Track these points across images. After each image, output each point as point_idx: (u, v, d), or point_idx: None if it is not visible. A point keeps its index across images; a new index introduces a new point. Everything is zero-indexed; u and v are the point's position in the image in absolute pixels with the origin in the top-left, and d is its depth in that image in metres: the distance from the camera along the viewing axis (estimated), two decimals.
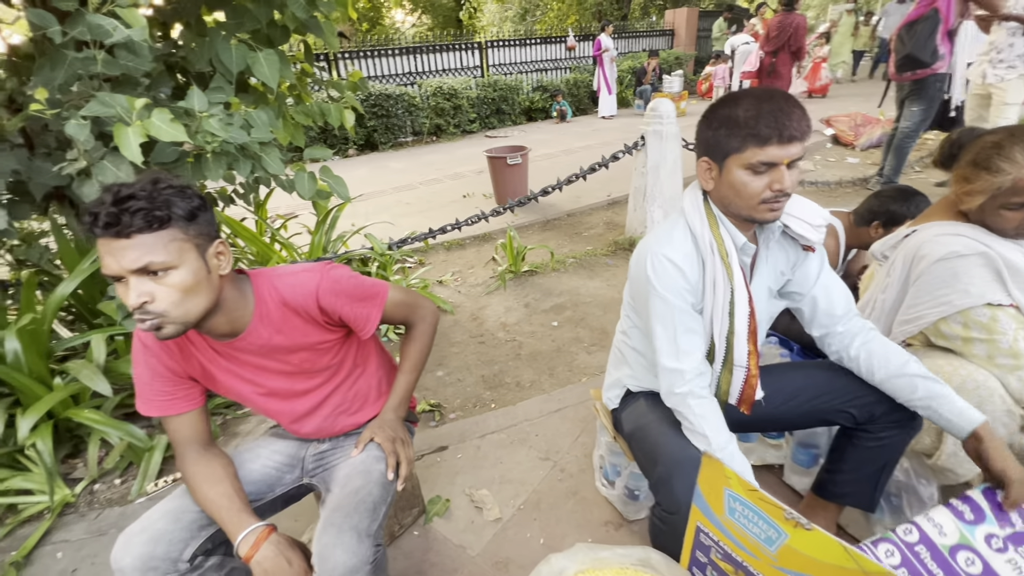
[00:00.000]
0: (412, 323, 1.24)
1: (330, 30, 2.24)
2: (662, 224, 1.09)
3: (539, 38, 10.00)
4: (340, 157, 7.57)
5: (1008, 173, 1.05)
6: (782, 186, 0.89)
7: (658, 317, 1.02)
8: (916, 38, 3.32)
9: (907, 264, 1.23)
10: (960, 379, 1.11)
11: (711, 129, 0.95)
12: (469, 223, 2.96)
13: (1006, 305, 1.10)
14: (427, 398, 2.12)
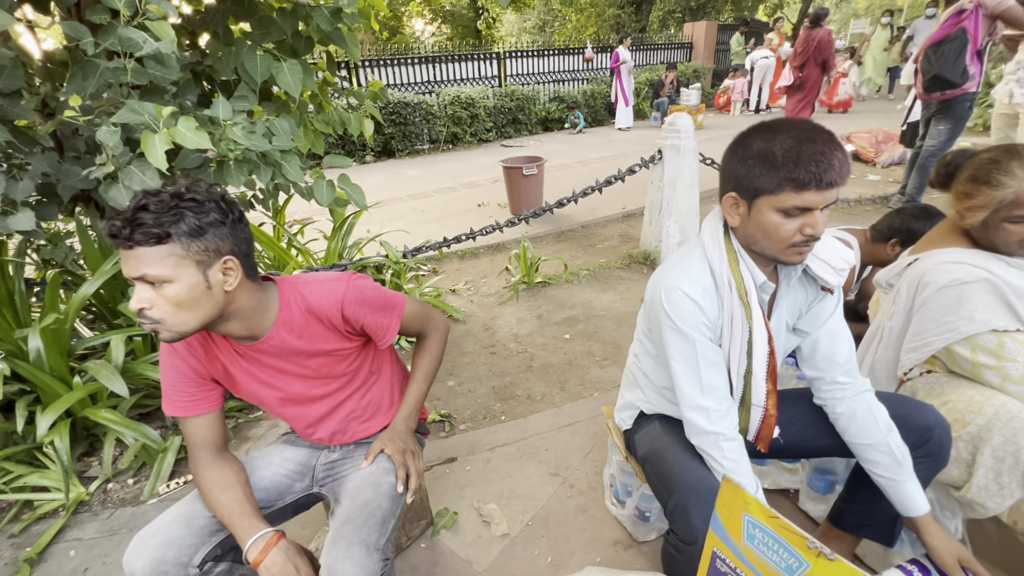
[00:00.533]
0: (425, 334, 1.25)
1: (353, 41, 2.28)
2: (678, 254, 1.05)
3: (557, 49, 10.07)
4: (357, 163, 7.67)
5: (1009, 187, 1.07)
6: (815, 231, 0.85)
7: (678, 354, 0.99)
8: (944, 58, 3.27)
9: (911, 292, 1.23)
10: (993, 409, 1.09)
11: (743, 164, 0.88)
12: (484, 233, 2.96)
13: (1012, 331, 1.10)
14: (438, 408, 2.12)
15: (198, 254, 0.85)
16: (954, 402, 1.16)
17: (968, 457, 1.12)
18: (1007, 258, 1.17)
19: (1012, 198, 1.08)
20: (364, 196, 2.46)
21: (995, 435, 1.07)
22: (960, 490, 1.15)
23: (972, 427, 1.09)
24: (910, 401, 1.08)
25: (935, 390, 1.25)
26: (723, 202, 0.95)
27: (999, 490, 1.10)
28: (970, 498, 1.13)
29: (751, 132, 0.90)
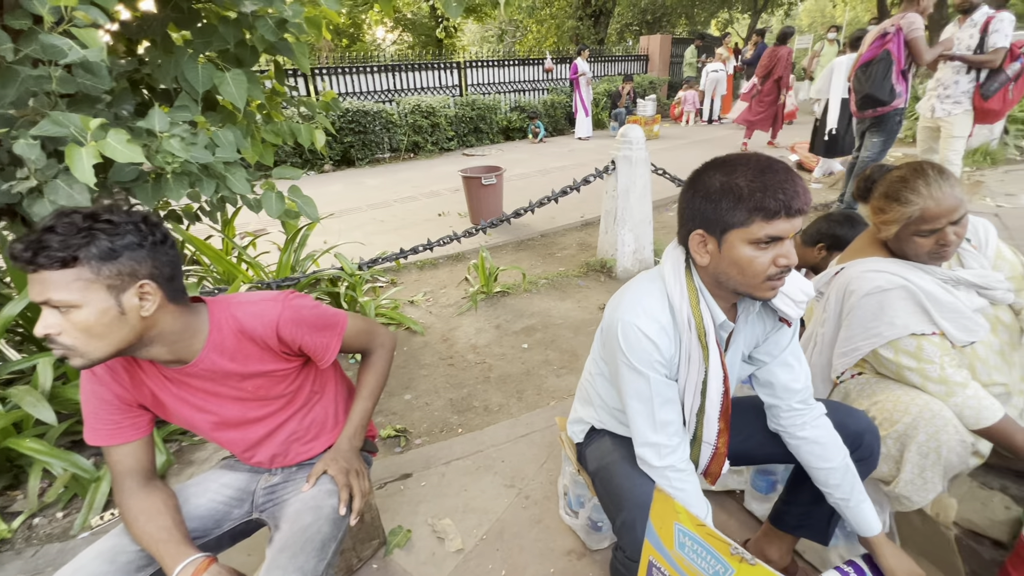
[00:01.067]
0: (370, 350, 1.23)
1: (301, 51, 2.24)
2: (637, 283, 1.02)
3: (517, 59, 10.19)
4: (316, 172, 7.52)
5: (915, 204, 1.14)
6: (789, 260, 0.85)
7: (633, 392, 0.98)
8: (873, 79, 3.50)
9: (839, 299, 1.29)
10: (917, 408, 1.15)
11: (707, 201, 0.86)
12: (441, 244, 2.95)
13: (929, 334, 1.17)
14: (393, 423, 2.09)
15: (110, 278, 0.81)
16: (883, 402, 1.23)
17: (896, 454, 1.18)
18: (922, 265, 1.26)
19: (918, 214, 1.15)
20: (316, 208, 2.41)
21: (920, 432, 1.13)
22: (889, 485, 1.22)
23: (899, 425, 1.15)
24: (840, 407, 1.13)
25: (866, 391, 1.32)
26: (690, 241, 0.92)
27: (923, 484, 1.16)
28: (898, 492, 1.20)
29: (707, 169, 0.89)
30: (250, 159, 2.39)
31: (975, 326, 1.20)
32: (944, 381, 1.15)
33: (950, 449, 1.12)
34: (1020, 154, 6.29)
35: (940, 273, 1.24)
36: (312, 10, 2.53)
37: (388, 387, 2.34)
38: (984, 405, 1.13)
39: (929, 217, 1.14)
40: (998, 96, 3.47)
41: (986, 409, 1.12)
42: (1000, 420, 1.12)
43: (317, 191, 6.23)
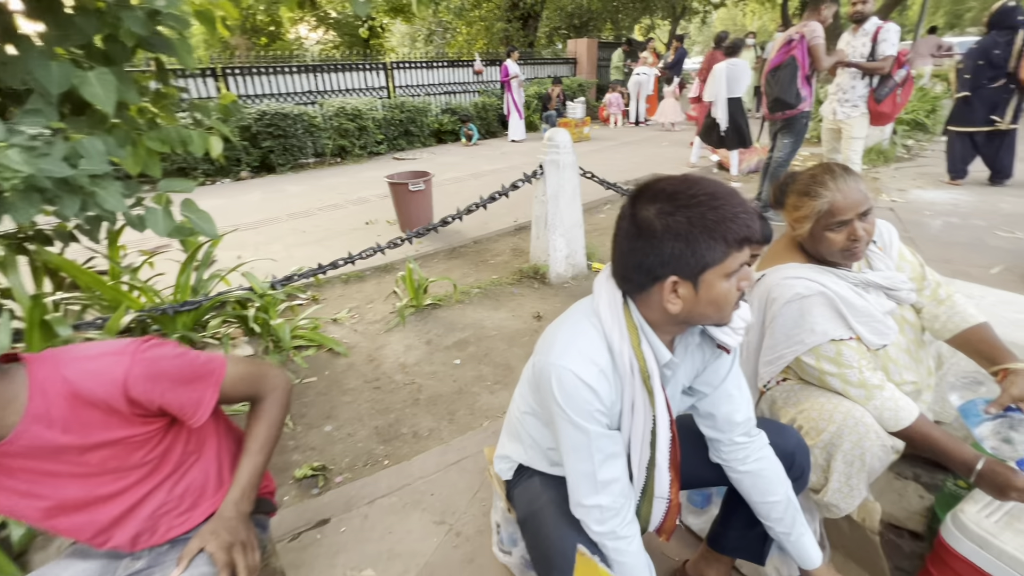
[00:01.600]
0: (259, 397, 1.06)
1: (184, 47, 1.99)
2: (572, 322, 0.91)
3: (447, 61, 10.02)
4: (232, 180, 6.96)
5: (824, 197, 1.16)
6: (748, 282, 0.82)
7: (571, 446, 0.88)
8: (780, 83, 3.69)
9: (762, 307, 1.29)
10: (841, 416, 1.14)
11: (680, 241, 0.77)
12: (363, 256, 2.76)
13: (847, 339, 1.18)
14: (311, 460, 1.89)
15: None
16: (808, 411, 1.22)
17: (823, 463, 1.17)
18: (837, 271, 1.27)
19: (827, 207, 1.16)
20: (213, 224, 2.16)
21: (844, 441, 1.13)
22: (818, 494, 1.21)
23: (825, 435, 1.15)
24: (771, 426, 1.10)
25: (792, 399, 1.31)
26: (663, 291, 0.82)
27: (850, 491, 1.16)
28: (827, 501, 1.19)
29: (655, 206, 0.79)
30: (131, 170, 2.09)
31: (887, 329, 1.22)
32: (863, 385, 1.16)
33: (873, 455, 1.12)
34: (907, 152, 6.95)
35: (852, 277, 1.26)
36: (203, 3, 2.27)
37: (307, 418, 2.13)
38: (901, 406, 1.14)
39: (837, 210, 1.16)
40: (889, 100, 3.76)
41: (903, 410, 1.14)
42: (916, 420, 1.14)
43: (233, 201, 5.77)
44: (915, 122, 7.50)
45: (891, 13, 11.10)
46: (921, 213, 4.38)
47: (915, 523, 1.48)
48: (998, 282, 3.05)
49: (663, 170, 6.14)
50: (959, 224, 4.08)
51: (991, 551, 1.03)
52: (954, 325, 1.32)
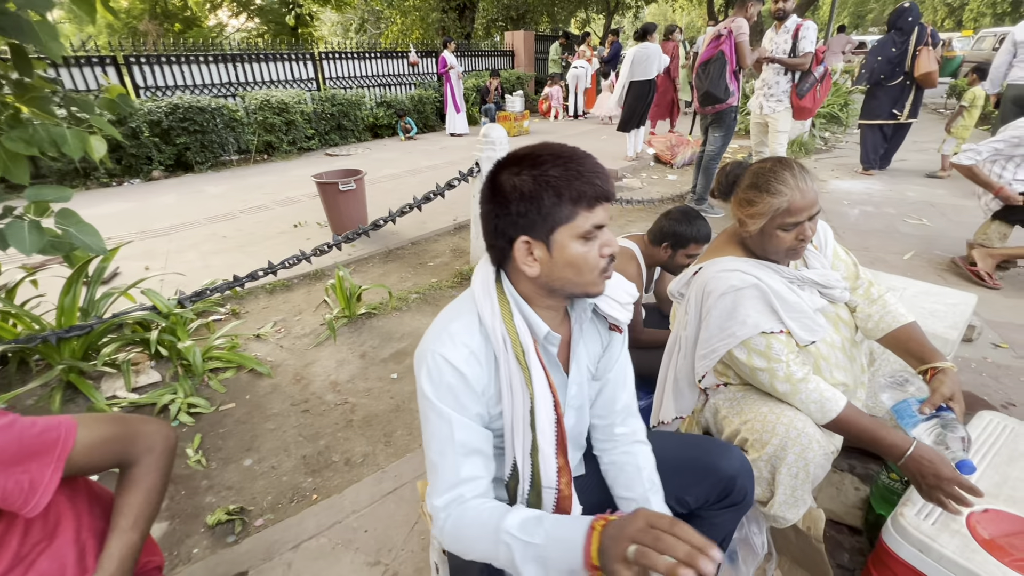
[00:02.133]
0: (129, 463, 0.87)
1: (49, 33, 1.69)
2: (446, 309, 0.89)
3: (380, 52, 9.60)
4: (141, 180, 6.32)
5: (785, 195, 1.13)
6: (612, 248, 0.80)
7: (433, 437, 0.82)
8: (710, 78, 3.77)
9: (698, 300, 1.27)
10: (784, 428, 1.12)
11: (526, 202, 0.76)
12: (287, 265, 2.53)
13: (777, 332, 1.17)
14: (226, 502, 1.68)
15: None
16: (751, 422, 1.19)
17: (768, 476, 1.15)
18: (773, 266, 1.25)
19: (786, 206, 1.13)
20: (99, 237, 1.89)
21: (788, 453, 1.10)
22: (765, 506, 1.18)
23: (769, 448, 1.12)
24: (715, 446, 1.05)
25: (735, 407, 1.28)
26: (516, 252, 0.80)
27: (795, 502, 1.14)
28: (774, 513, 1.17)
29: (506, 170, 0.80)
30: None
31: (816, 326, 1.22)
32: (789, 379, 1.15)
33: (816, 464, 1.11)
34: (825, 144, 7.40)
35: (788, 272, 1.25)
36: None
37: (223, 452, 1.90)
38: (827, 397, 1.14)
39: (795, 209, 1.13)
40: (809, 95, 3.93)
41: (829, 401, 1.13)
42: (844, 410, 1.13)
43: (143, 204, 5.22)
44: (831, 115, 8.00)
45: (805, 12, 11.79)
46: (840, 203, 4.64)
47: (853, 518, 1.50)
48: (910, 267, 3.26)
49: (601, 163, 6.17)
50: (874, 212, 4.35)
51: (931, 555, 1.03)
52: (886, 324, 1.33)
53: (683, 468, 1.01)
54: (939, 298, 1.88)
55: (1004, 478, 1.18)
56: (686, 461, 1.01)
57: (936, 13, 28.09)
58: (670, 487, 1.01)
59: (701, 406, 1.40)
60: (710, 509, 1.02)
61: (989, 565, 0.97)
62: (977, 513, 1.09)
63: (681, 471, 1.01)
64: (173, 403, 2.09)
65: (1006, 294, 2.88)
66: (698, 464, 1.00)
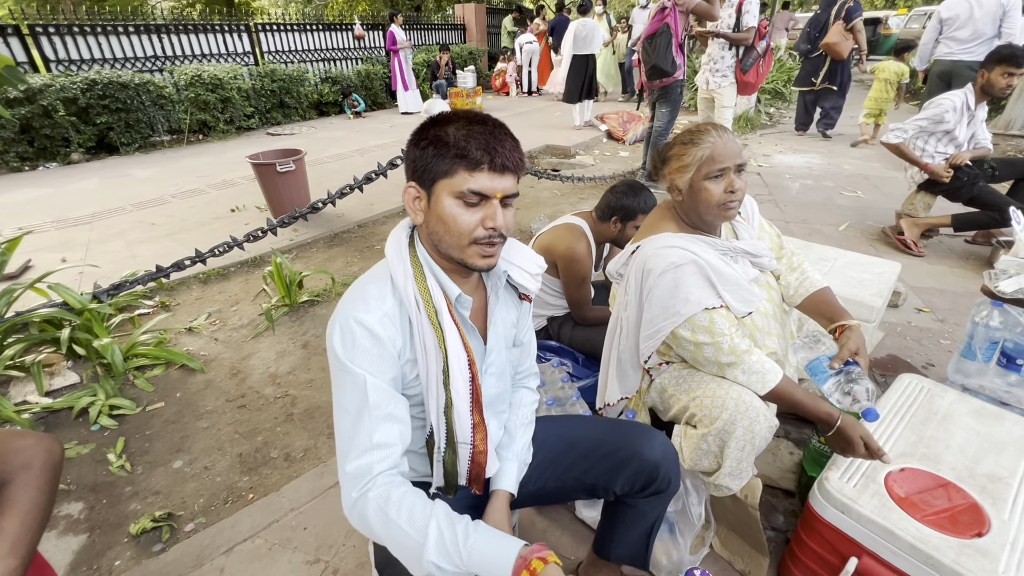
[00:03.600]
0: (2, 481, 0.78)
1: None
2: (362, 277, 0.90)
3: (321, 24, 9.08)
4: (59, 164, 5.79)
5: (707, 143, 1.17)
6: (495, 223, 0.79)
7: (346, 403, 0.80)
8: (657, 50, 3.75)
9: (638, 280, 1.26)
10: (733, 402, 1.13)
11: (418, 149, 0.80)
12: (216, 253, 2.37)
13: (718, 307, 1.18)
14: (152, 508, 1.58)
15: None
16: (700, 398, 1.20)
17: (716, 449, 1.16)
18: (707, 239, 1.25)
19: (709, 153, 1.16)
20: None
21: (737, 427, 1.12)
22: (711, 476, 1.21)
23: (719, 423, 1.13)
24: (637, 431, 1.05)
25: (683, 385, 1.28)
26: (404, 195, 0.85)
27: (740, 472, 1.17)
28: (719, 483, 1.19)
29: (430, 121, 0.82)
30: None
31: (752, 296, 1.24)
32: (733, 351, 1.17)
33: (762, 437, 1.14)
34: (769, 120, 7.60)
35: (720, 244, 1.27)
36: None
37: (149, 456, 1.78)
38: (767, 369, 1.17)
39: (717, 156, 1.16)
40: (753, 70, 3.98)
41: (769, 373, 1.16)
42: (780, 382, 1.17)
43: (60, 190, 4.79)
44: (775, 91, 8.21)
45: None
46: (782, 177, 4.79)
47: (787, 482, 1.56)
48: (845, 238, 3.40)
49: (554, 140, 6.12)
50: (813, 186, 4.51)
51: (852, 515, 1.07)
52: (804, 290, 1.40)
53: (608, 456, 1.01)
54: (866, 267, 1.95)
55: (919, 437, 1.25)
56: (611, 449, 1.01)
57: None
58: (596, 474, 1.01)
59: (647, 386, 1.40)
60: (635, 497, 1.02)
61: (904, 522, 1.02)
62: (894, 472, 1.14)
63: (606, 458, 1.01)
64: (92, 406, 1.93)
65: (929, 261, 3.06)
66: (622, 452, 1.00)
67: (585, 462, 1.02)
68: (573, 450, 1.04)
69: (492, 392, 0.95)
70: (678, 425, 1.28)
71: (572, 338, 1.98)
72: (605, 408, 1.47)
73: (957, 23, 4.24)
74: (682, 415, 1.25)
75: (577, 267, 1.82)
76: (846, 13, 5.33)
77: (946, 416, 1.32)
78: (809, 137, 6.39)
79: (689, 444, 1.19)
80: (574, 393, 1.57)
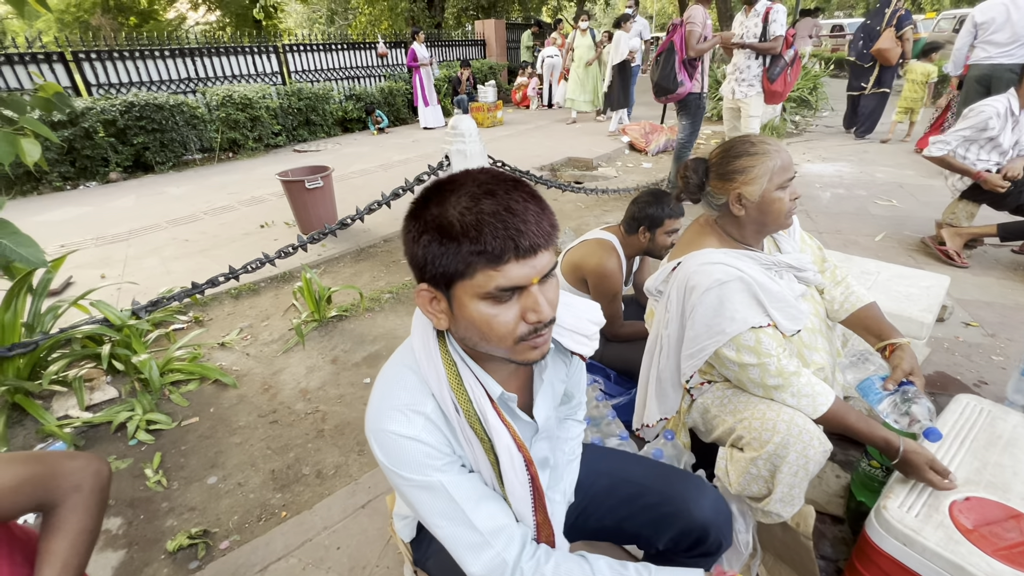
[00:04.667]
0: (53, 503, 0.79)
1: None
2: (387, 370, 0.77)
3: (346, 43, 9.32)
4: (98, 183, 6.03)
5: (775, 153, 1.13)
6: (540, 316, 0.63)
7: (431, 512, 0.72)
8: (661, 69, 3.88)
9: (680, 297, 1.22)
10: (785, 425, 1.09)
11: (419, 244, 0.63)
12: (249, 270, 2.41)
13: (765, 326, 1.14)
14: (188, 525, 1.59)
15: None
16: (748, 420, 1.15)
17: (767, 474, 1.12)
18: (751, 253, 1.21)
19: (780, 163, 1.13)
20: (39, 249, 1.77)
21: (790, 452, 1.07)
22: (760, 502, 1.16)
23: (770, 446, 1.08)
24: (686, 486, 0.96)
25: (728, 406, 1.24)
26: (417, 299, 0.69)
27: (792, 499, 1.13)
28: (768, 509, 1.14)
29: (425, 194, 0.65)
30: None
31: (799, 313, 1.20)
32: (781, 373, 1.12)
33: (816, 463, 1.09)
34: (796, 128, 7.47)
35: (765, 259, 1.23)
36: None
37: (185, 471, 1.80)
38: (818, 391, 1.12)
39: (787, 164, 1.14)
40: (780, 79, 3.92)
41: (820, 396, 1.12)
42: (833, 404, 1.12)
43: (99, 208, 4.97)
44: (801, 99, 8.07)
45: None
46: (812, 186, 4.68)
47: (835, 506, 1.49)
48: (882, 249, 3.29)
49: (576, 152, 6.12)
50: (845, 195, 4.39)
51: (915, 548, 1.01)
52: (850, 305, 1.37)
53: (652, 507, 0.94)
54: (913, 281, 1.87)
55: (983, 463, 1.17)
56: (655, 500, 0.94)
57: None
58: (637, 524, 0.95)
59: (687, 406, 1.36)
60: (680, 555, 0.95)
61: (973, 556, 0.95)
62: (959, 502, 1.07)
63: (649, 509, 0.94)
64: (131, 420, 1.97)
65: (974, 272, 2.93)
66: (668, 507, 0.92)
67: (625, 508, 0.96)
68: (614, 493, 0.98)
69: (545, 454, 0.89)
70: (722, 447, 1.24)
71: (604, 354, 1.95)
72: (642, 428, 1.43)
73: (993, 26, 4.12)
74: (727, 437, 1.20)
75: (608, 283, 1.79)
76: (898, 21, 5.54)
77: (1011, 440, 1.24)
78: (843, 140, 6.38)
79: (736, 468, 1.14)
80: (609, 412, 1.54)
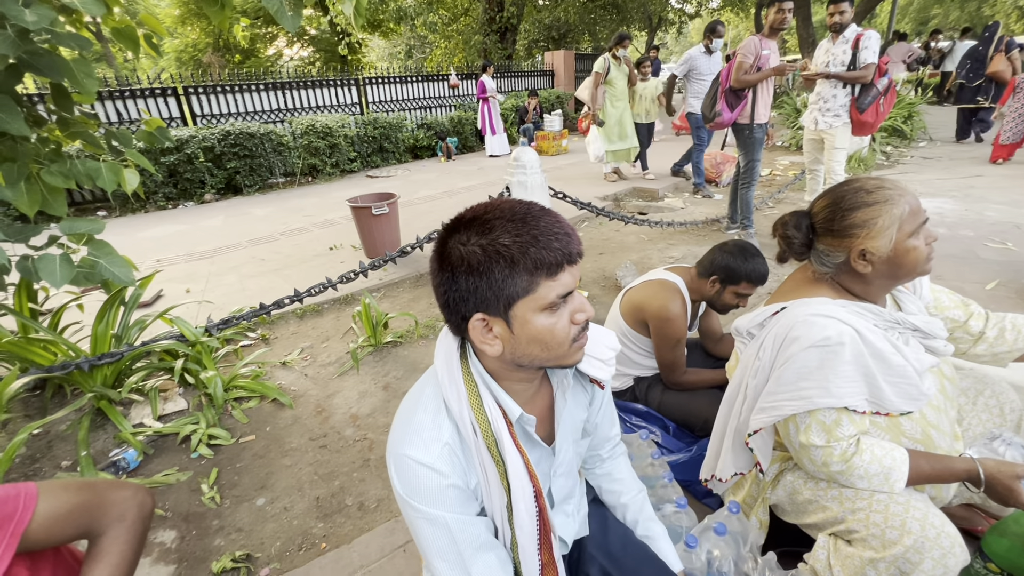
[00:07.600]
0: (97, 533, 0.79)
1: (84, 71, 1.73)
2: (410, 395, 0.80)
3: (421, 75, 9.83)
4: (195, 203, 6.65)
5: (900, 198, 0.99)
6: (587, 313, 0.71)
7: (432, 548, 0.72)
8: (707, 96, 3.83)
9: (776, 345, 1.07)
10: (918, 525, 0.93)
11: (475, 275, 0.66)
12: (312, 293, 2.50)
13: (859, 412, 1.00)
14: (234, 546, 1.61)
15: None
16: (865, 512, 1.00)
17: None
18: (874, 309, 1.05)
19: (909, 209, 0.99)
20: (129, 269, 1.90)
21: (926, 558, 0.90)
22: None
23: (898, 548, 0.93)
24: None
25: (830, 491, 1.07)
26: (471, 331, 0.71)
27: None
28: None
29: (454, 236, 0.69)
30: (25, 210, 1.83)
31: (919, 394, 1.00)
32: (844, 458, 1.00)
33: (955, 574, 0.91)
34: (887, 159, 6.90)
35: (888, 316, 1.05)
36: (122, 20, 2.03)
37: (237, 489, 1.85)
38: (887, 466, 0.98)
39: (916, 208, 0.99)
40: (871, 109, 3.62)
41: (893, 472, 0.98)
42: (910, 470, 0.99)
43: (193, 226, 5.46)
44: (893, 128, 7.47)
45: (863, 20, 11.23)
46: None
47: None
48: (994, 298, 2.89)
49: (641, 182, 5.97)
50: (947, 236, 3.94)
51: None
52: None
53: None
54: None
55: None
56: None
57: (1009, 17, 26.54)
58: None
59: (772, 480, 1.20)
60: None
61: None
62: None
63: None
64: (195, 434, 2.06)
65: None
66: None
67: None
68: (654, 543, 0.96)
69: (563, 493, 0.89)
70: (822, 535, 1.07)
71: (662, 403, 1.81)
72: (712, 480, 1.29)
73: None
74: (829, 526, 1.04)
75: (671, 328, 1.67)
76: (1005, 46, 6.67)
77: None
78: (942, 174, 5.70)
79: (848, 567, 0.97)
80: (666, 473, 1.40)
